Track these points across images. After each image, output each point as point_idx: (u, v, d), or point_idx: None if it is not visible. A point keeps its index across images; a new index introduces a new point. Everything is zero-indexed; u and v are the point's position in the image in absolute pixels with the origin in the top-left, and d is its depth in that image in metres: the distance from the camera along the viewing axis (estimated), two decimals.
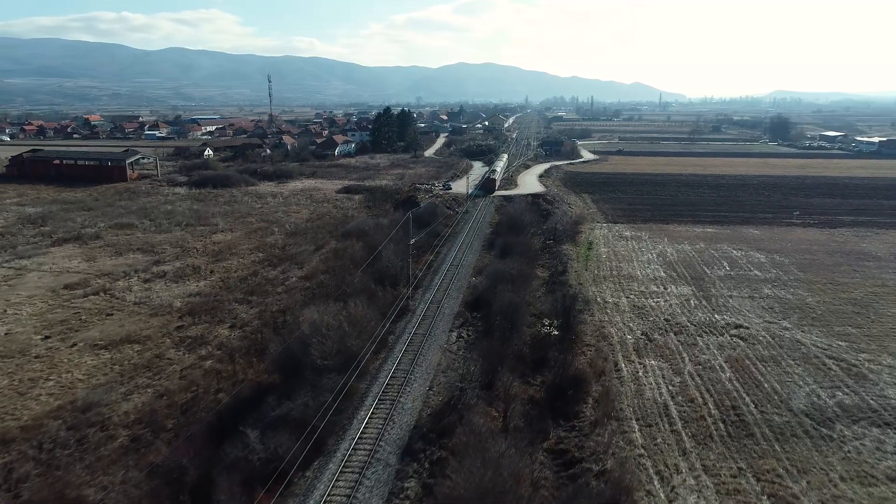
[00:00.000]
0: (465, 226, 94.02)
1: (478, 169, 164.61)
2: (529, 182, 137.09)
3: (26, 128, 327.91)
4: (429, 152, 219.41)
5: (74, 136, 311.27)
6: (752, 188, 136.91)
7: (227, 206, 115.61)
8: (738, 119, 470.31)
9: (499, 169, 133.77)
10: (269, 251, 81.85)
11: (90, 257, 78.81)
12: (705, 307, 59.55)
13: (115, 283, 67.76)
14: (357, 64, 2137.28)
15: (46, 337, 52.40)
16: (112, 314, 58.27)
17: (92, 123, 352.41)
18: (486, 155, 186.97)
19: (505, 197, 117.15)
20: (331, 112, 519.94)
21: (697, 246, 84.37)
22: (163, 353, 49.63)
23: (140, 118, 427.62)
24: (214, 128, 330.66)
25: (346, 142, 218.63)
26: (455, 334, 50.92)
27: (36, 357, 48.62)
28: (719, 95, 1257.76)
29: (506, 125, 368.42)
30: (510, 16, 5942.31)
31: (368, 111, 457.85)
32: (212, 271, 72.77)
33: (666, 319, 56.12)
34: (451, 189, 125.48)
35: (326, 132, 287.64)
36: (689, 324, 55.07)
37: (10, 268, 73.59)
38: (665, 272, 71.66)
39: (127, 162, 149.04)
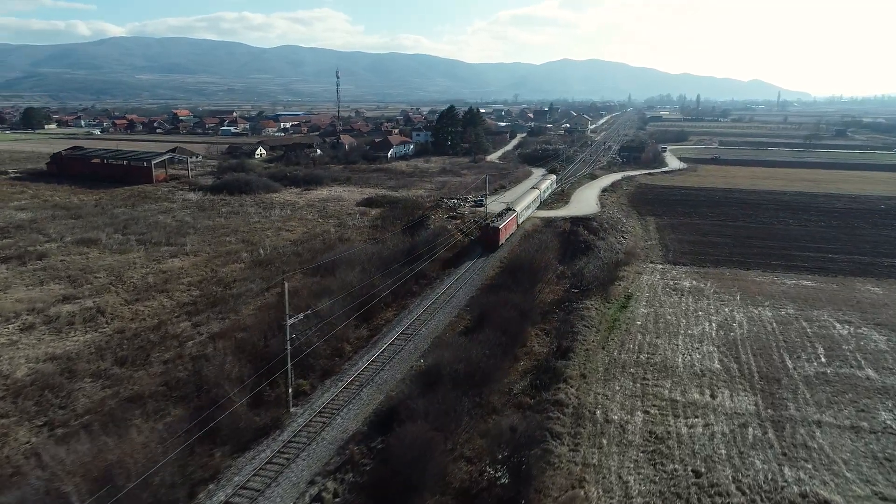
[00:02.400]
0: (461, 265, 73.42)
1: (532, 180, 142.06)
2: (586, 198, 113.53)
3: (117, 122, 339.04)
4: (495, 155, 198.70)
5: (157, 130, 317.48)
6: (876, 216, 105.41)
7: (224, 218, 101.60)
8: (870, 121, 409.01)
9: (527, 203, 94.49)
10: (211, 288, 65.64)
11: (5, 286, 66.01)
12: (771, 447, 36.11)
13: None
14: (460, 61, 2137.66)
15: None
16: None
17: (179, 118, 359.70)
18: (550, 161, 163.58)
19: (544, 220, 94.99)
20: (417, 109, 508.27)
21: (783, 312, 59.19)
22: None
23: (234, 113, 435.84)
24: (290, 124, 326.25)
25: (404, 143, 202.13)
26: (317, 489, 30.96)
27: None
28: (850, 94, 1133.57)
29: (593, 126, 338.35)
30: (618, 10, 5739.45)
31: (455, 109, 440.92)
32: (114, 317, 57.28)
33: (695, 473, 33.48)
34: (482, 206, 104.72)
35: (397, 131, 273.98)
36: (734, 488, 32.23)
37: None
38: (722, 361, 48.04)
39: (153, 163, 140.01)
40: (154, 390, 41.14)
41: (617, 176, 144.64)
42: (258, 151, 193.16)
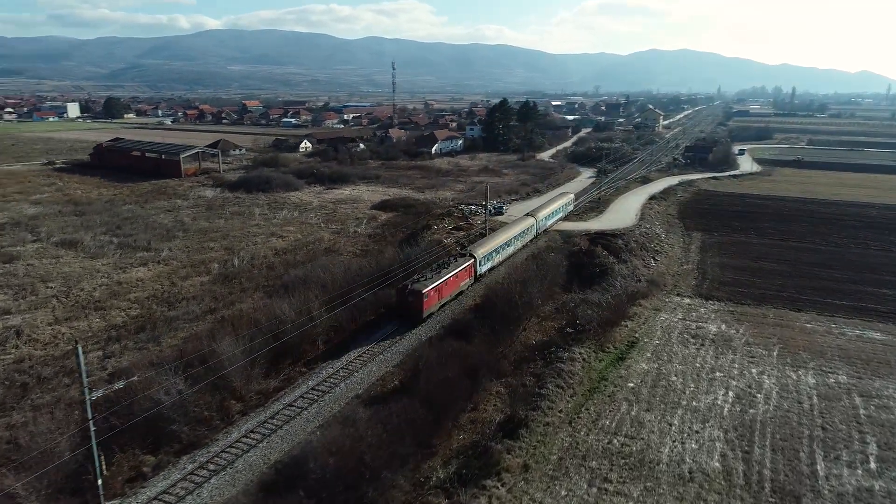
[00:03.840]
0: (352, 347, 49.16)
1: (575, 183, 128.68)
2: (626, 207, 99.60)
3: (188, 113, 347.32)
4: (548, 153, 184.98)
5: (224, 121, 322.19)
6: None
7: (226, 219, 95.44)
8: None
9: (494, 245, 66.89)
10: (153, 307, 58.43)
11: None
12: None
13: None
14: (542, 51, 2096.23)
15: None
16: None
17: (248, 109, 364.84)
18: (603, 160, 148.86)
19: (565, 234, 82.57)
20: (487, 101, 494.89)
21: (831, 380, 45.12)
22: None
23: (306, 104, 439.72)
24: (352, 116, 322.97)
25: (451, 138, 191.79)
26: None
27: None
28: None
29: (667, 121, 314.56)
30: None
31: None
32: (29, 340, 50.90)
33: None
34: (502, 213, 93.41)
35: (455, 124, 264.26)
36: None
37: None
38: (724, 458, 35.41)
39: (182, 156, 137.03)
40: None
41: (673, 180, 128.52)
42: (303, 144, 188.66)
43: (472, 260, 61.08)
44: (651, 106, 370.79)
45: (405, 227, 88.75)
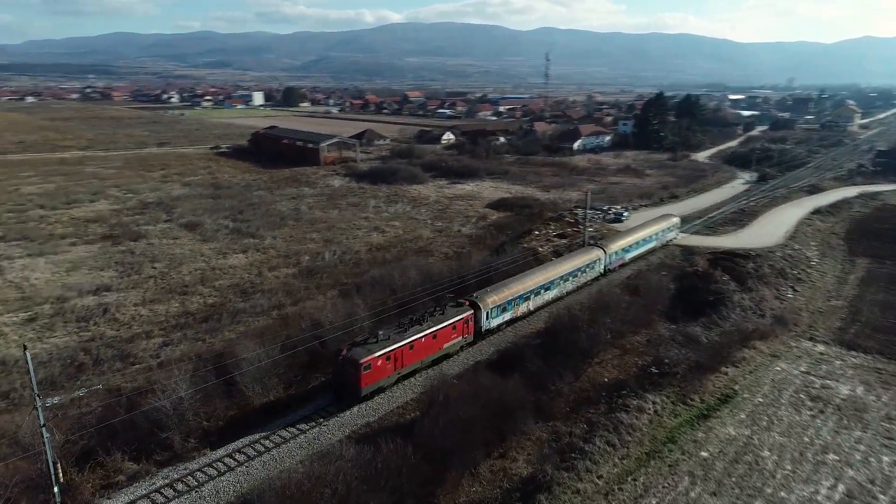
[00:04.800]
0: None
1: (724, 190, 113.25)
2: (777, 222, 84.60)
3: (354, 102, 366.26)
4: (707, 153, 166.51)
5: (384, 110, 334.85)
6: None
7: (340, 210, 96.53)
8: None
9: (518, 290, 51.84)
10: (231, 296, 59.23)
11: (73, 267, 67.69)
12: None
13: None
14: (729, 40, 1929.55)
15: None
16: None
17: (409, 99, 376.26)
18: (766, 163, 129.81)
19: (685, 250, 71.61)
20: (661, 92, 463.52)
21: None
22: None
23: (466, 95, 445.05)
24: (506, 108, 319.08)
25: (597, 133, 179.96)
26: None
27: None
28: None
29: (866, 120, 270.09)
30: None
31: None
32: (111, 320, 53.63)
33: None
34: (622, 220, 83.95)
35: (609, 119, 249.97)
36: None
37: None
38: None
39: (321, 145, 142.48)
40: None
41: (851, 191, 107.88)
42: (445, 136, 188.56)
43: (473, 311, 46.46)
44: (850, 102, 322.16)
45: (510, 229, 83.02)
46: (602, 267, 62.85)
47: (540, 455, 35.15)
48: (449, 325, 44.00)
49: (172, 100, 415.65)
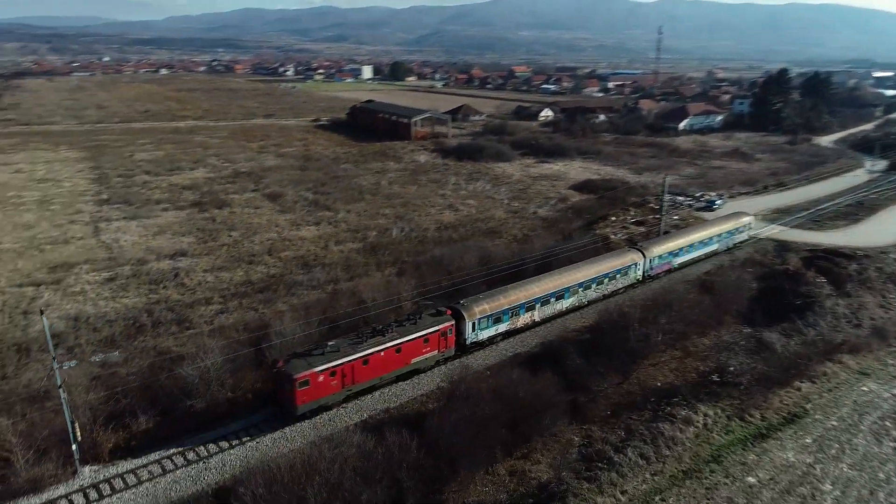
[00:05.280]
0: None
1: (845, 179, 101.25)
2: None
3: (458, 77, 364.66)
4: (833, 136, 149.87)
5: (488, 86, 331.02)
6: None
7: (419, 186, 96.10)
8: None
9: (518, 297, 45.97)
10: (293, 268, 60.34)
11: (159, 231, 71.91)
12: None
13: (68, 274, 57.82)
14: (881, 10, 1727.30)
15: None
16: None
17: (514, 74, 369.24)
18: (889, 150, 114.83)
19: (779, 245, 64.52)
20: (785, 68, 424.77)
21: None
22: None
23: (576, 70, 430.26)
24: (615, 84, 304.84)
25: (707, 113, 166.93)
26: None
27: None
28: None
29: None
30: None
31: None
32: (179, 285, 56.30)
33: None
34: (714, 208, 77.30)
35: (728, 97, 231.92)
36: None
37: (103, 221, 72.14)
38: None
39: (413, 120, 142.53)
40: None
41: None
42: (543, 113, 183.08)
43: (454, 322, 41.45)
44: None
45: (588, 213, 78.80)
46: (640, 272, 55.59)
47: (562, 460, 32.73)
48: (419, 337, 38.98)
49: (288, 73, 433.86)
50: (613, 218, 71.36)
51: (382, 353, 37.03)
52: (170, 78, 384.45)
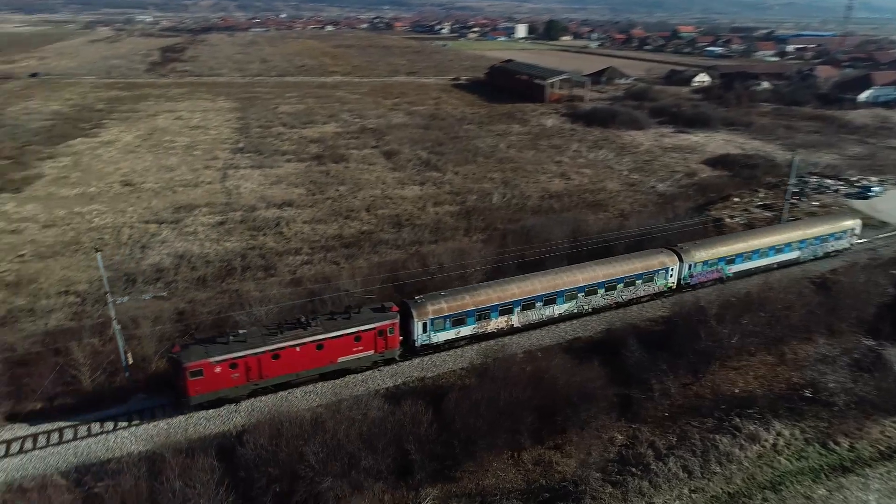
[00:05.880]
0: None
1: None
2: None
3: (617, 37, 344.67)
4: None
5: (646, 47, 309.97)
6: None
7: (537, 151, 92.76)
8: None
9: (489, 297, 40.06)
10: (385, 226, 61.15)
11: (276, 182, 76.25)
12: None
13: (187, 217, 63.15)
14: None
15: None
16: None
17: (678, 35, 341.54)
18: None
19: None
20: None
21: None
22: None
23: (755, 32, 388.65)
24: (795, 47, 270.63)
25: None
26: None
27: None
28: None
29: None
30: None
31: None
32: (276, 234, 59.47)
33: None
34: (869, 196, 66.41)
35: None
36: None
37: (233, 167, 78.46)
38: None
39: (548, 82, 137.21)
40: None
41: None
42: (698, 78, 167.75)
43: (396, 321, 36.69)
44: None
45: (714, 191, 71.26)
46: (672, 279, 46.72)
47: (593, 458, 30.31)
48: (349, 334, 34.91)
49: (443, 31, 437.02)
50: (737, 199, 63.77)
51: (298, 349, 33.67)
52: (332, 34, 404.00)
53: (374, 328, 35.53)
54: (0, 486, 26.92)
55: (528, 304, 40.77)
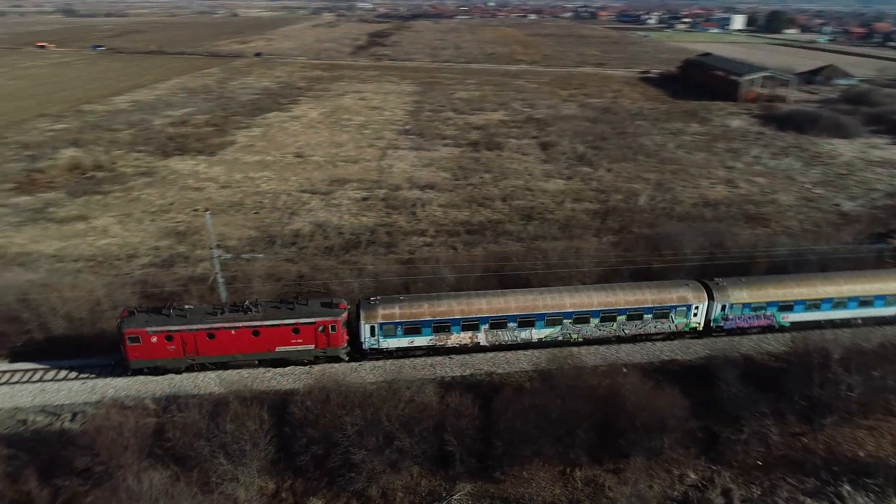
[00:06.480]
0: None
1: None
2: None
3: (854, 30, 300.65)
4: None
5: (889, 43, 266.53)
6: None
7: (710, 153, 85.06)
8: None
9: (441, 310, 36.35)
10: (515, 217, 60.49)
11: (425, 165, 78.92)
12: None
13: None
14: None
15: None
16: None
17: None
18: None
19: None
20: None
21: None
22: None
23: None
24: None
25: None
26: None
27: None
28: None
29: None
30: None
31: None
32: (410, 213, 61.77)
33: None
34: None
35: None
36: None
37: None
38: None
39: (743, 79, 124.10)
40: None
41: None
42: None
43: (338, 319, 34.94)
44: None
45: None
46: (698, 318, 39.07)
47: (647, 491, 27.66)
48: (286, 325, 34.45)
49: (650, 21, 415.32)
50: None
51: (233, 332, 34.04)
52: (532, 23, 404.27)
53: (313, 323, 34.89)
54: (108, 399, 31.83)
55: (497, 323, 36.90)
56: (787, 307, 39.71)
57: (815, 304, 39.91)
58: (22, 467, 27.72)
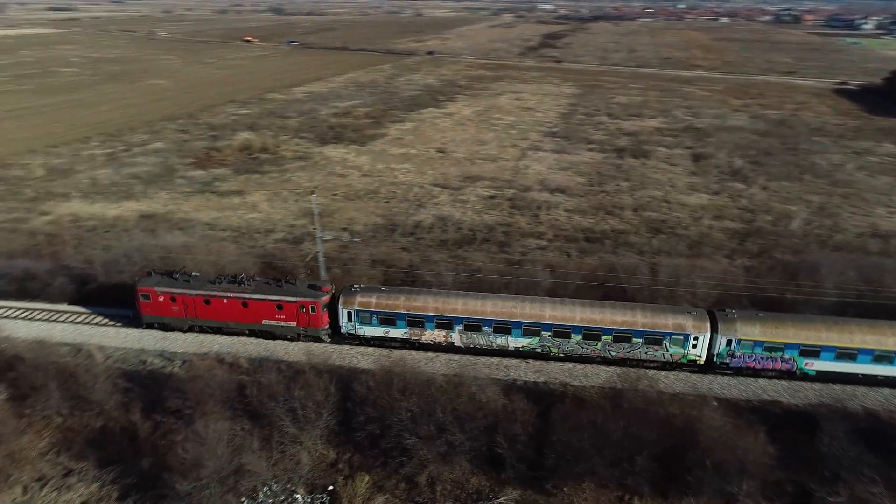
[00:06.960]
0: None
1: None
2: None
3: None
4: None
5: None
6: None
7: (873, 178, 74.04)
8: None
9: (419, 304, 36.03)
10: (633, 227, 57.47)
11: (564, 167, 77.53)
12: None
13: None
14: None
15: None
16: None
17: None
18: None
19: None
20: None
21: None
22: None
23: None
24: None
25: None
26: None
27: None
28: None
29: None
30: None
31: None
32: (533, 215, 61.20)
33: None
34: None
35: None
36: None
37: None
38: None
39: None
40: None
41: None
42: None
43: (317, 301, 36.49)
44: None
45: None
46: (698, 350, 34.97)
47: None
48: (270, 301, 36.97)
49: (865, 26, 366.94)
50: None
51: (226, 301, 37.33)
52: (722, 27, 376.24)
53: (294, 301, 36.91)
54: (213, 354, 35.80)
55: (472, 326, 36.27)
56: (811, 352, 34.64)
57: (848, 354, 34.25)
58: (134, 400, 32.26)
